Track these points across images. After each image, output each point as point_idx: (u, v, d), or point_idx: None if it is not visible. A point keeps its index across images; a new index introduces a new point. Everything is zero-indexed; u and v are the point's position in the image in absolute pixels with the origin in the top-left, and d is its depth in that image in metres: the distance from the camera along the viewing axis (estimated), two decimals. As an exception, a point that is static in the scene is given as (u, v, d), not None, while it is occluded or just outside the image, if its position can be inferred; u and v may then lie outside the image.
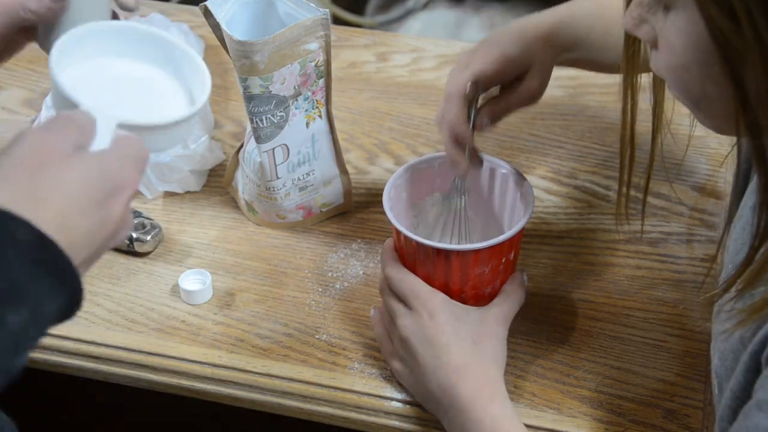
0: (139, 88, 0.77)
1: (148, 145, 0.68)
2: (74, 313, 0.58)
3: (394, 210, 0.87)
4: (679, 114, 1.17)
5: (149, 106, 0.76)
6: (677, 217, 1.04)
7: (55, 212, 0.57)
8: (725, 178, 1.06)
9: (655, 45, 0.67)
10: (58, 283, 0.56)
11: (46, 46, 0.86)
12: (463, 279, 0.84)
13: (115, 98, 0.74)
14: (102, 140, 0.65)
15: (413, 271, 0.85)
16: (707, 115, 0.68)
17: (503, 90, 0.90)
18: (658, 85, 0.79)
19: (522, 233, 0.85)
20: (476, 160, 0.89)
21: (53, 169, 0.58)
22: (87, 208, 0.59)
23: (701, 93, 0.66)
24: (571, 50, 0.92)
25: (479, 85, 0.86)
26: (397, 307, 0.84)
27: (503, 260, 0.85)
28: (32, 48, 1.32)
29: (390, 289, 0.85)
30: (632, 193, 1.06)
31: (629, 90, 0.81)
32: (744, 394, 0.69)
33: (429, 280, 0.84)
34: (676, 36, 0.64)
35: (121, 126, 0.67)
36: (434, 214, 0.91)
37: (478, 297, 0.86)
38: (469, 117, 0.86)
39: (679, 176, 1.09)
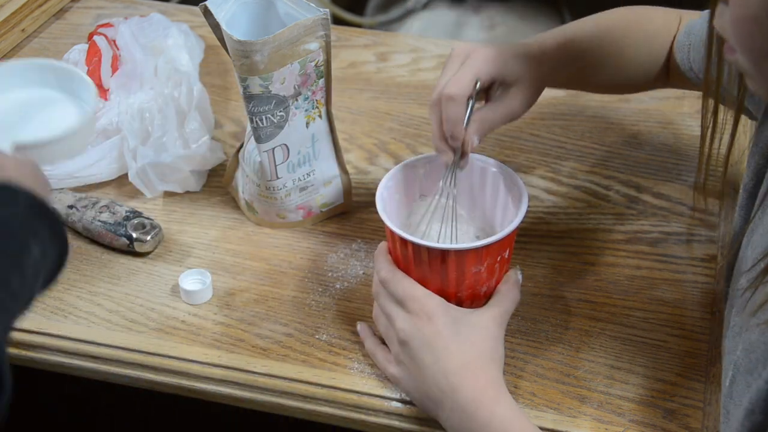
0: (34, 111, 0.89)
1: (44, 158, 0.82)
2: (64, 264, 0.71)
3: (387, 211, 0.86)
4: (680, 114, 1.18)
5: (43, 124, 0.88)
6: (677, 217, 1.04)
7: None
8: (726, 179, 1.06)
9: None
10: (53, 232, 0.69)
11: None
12: (460, 279, 0.84)
13: (12, 123, 0.88)
14: None
15: (408, 272, 0.85)
16: (765, 76, 0.66)
17: (487, 103, 0.90)
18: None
19: (516, 231, 0.85)
20: (465, 157, 0.89)
21: None
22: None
23: (766, 50, 0.63)
24: (563, 69, 0.94)
25: (479, 83, 0.86)
26: (395, 310, 0.84)
27: (498, 258, 0.85)
28: (31, 47, 1.33)
29: (386, 293, 0.85)
30: (631, 193, 1.07)
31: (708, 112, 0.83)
32: None
33: (424, 282, 0.84)
34: None
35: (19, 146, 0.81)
36: (422, 215, 0.90)
37: (474, 297, 0.86)
38: (464, 117, 0.86)
39: (680, 176, 1.09)
